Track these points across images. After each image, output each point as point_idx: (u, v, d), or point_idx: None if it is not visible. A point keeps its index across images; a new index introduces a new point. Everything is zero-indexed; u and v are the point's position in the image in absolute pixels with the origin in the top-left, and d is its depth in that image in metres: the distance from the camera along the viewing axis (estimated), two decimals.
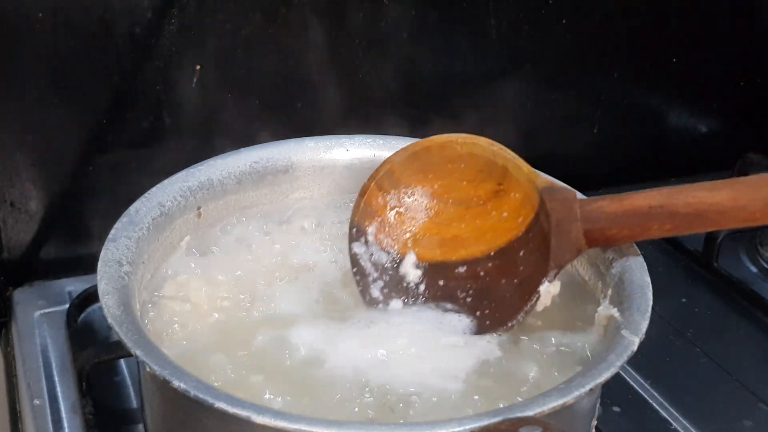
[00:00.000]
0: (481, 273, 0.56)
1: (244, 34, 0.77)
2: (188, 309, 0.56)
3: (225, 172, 0.62)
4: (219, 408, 0.42)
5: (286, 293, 0.58)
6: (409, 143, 0.65)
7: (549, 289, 0.52)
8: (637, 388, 0.69)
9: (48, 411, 0.64)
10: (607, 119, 0.94)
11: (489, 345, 0.53)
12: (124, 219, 0.55)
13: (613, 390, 0.67)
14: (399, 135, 0.66)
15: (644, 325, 0.49)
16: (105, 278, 0.50)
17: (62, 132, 0.75)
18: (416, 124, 0.84)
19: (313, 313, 0.56)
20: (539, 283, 0.52)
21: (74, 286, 0.77)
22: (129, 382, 0.69)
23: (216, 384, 0.46)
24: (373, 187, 0.59)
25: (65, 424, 0.63)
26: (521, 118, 0.90)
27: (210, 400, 0.42)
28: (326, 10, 0.79)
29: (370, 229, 0.58)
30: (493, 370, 0.52)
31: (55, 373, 0.68)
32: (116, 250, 0.52)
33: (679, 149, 1.00)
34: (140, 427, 0.63)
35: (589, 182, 0.68)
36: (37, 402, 0.65)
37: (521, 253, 0.54)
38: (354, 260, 0.58)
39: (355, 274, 0.58)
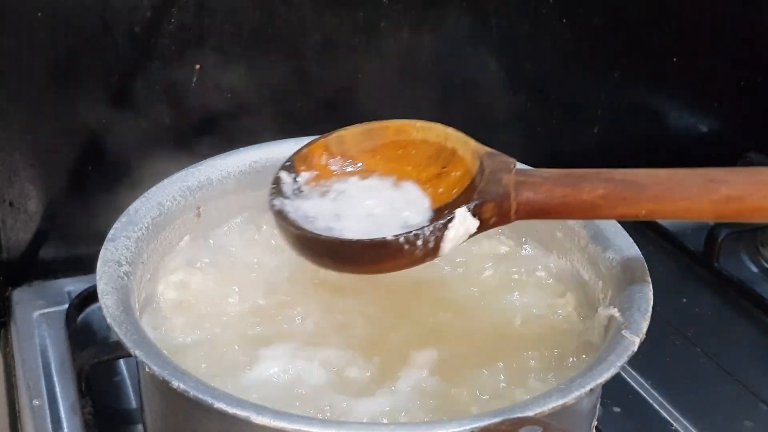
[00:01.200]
0: None
1: (244, 33, 0.77)
2: (183, 311, 0.56)
3: (224, 172, 0.61)
4: (218, 408, 0.42)
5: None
6: None
7: (465, 218, 0.49)
8: (637, 388, 0.69)
9: (47, 411, 0.64)
10: (607, 119, 0.94)
11: None
12: (123, 219, 0.55)
13: (614, 390, 0.67)
14: None
15: (644, 325, 0.49)
16: (104, 278, 0.50)
17: (61, 132, 0.75)
18: None
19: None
20: (458, 206, 0.49)
21: (73, 286, 0.77)
22: (128, 382, 0.68)
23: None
24: (320, 143, 0.56)
25: (64, 425, 0.63)
26: (521, 117, 0.90)
27: (209, 400, 0.42)
28: (326, 9, 0.79)
29: (303, 175, 0.55)
30: None
31: (54, 373, 0.68)
32: (115, 250, 0.52)
33: (679, 149, 1.00)
34: (140, 427, 0.63)
35: None
36: (36, 402, 0.65)
37: (446, 211, 0.51)
38: (276, 181, 0.54)
39: (271, 192, 0.54)
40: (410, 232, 0.48)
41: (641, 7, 0.91)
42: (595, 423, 0.53)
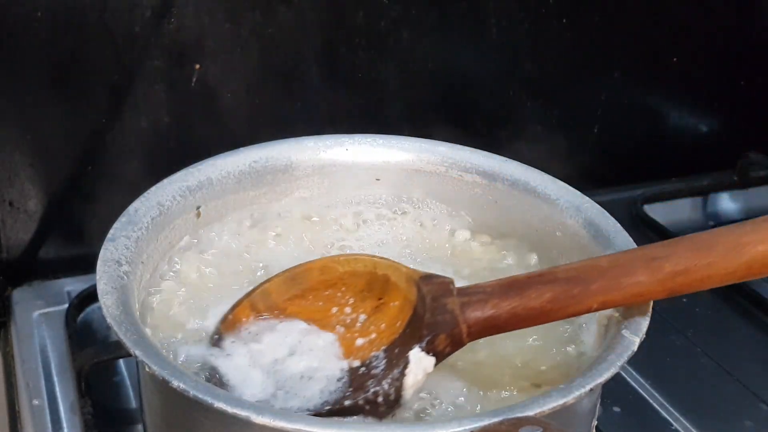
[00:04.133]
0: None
1: (244, 33, 0.77)
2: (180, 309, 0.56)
3: (224, 172, 0.61)
4: (218, 408, 0.42)
5: None
6: (407, 142, 0.65)
7: (421, 359, 0.47)
8: (637, 388, 0.69)
9: (47, 411, 0.64)
10: (607, 119, 0.94)
11: None
12: (123, 218, 0.55)
13: (614, 390, 0.67)
14: (398, 135, 0.66)
15: (644, 324, 0.49)
16: (104, 278, 0.50)
17: (61, 132, 0.75)
18: (416, 124, 0.84)
19: None
20: (410, 349, 0.48)
21: (73, 285, 0.77)
22: (128, 382, 0.69)
23: None
24: (245, 304, 0.53)
25: (64, 425, 0.63)
26: (521, 117, 0.90)
27: (209, 400, 0.42)
28: (326, 9, 0.79)
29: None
30: None
31: (54, 373, 0.68)
32: (115, 249, 0.52)
33: (679, 149, 1.00)
34: (139, 427, 0.63)
35: (590, 182, 0.68)
36: (36, 402, 0.65)
37: (396, 351, 0.49)
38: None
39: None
40: (368, 390, 0.47)
41: (641, 7, 0.91)
42: (595, 423, 0.53)
